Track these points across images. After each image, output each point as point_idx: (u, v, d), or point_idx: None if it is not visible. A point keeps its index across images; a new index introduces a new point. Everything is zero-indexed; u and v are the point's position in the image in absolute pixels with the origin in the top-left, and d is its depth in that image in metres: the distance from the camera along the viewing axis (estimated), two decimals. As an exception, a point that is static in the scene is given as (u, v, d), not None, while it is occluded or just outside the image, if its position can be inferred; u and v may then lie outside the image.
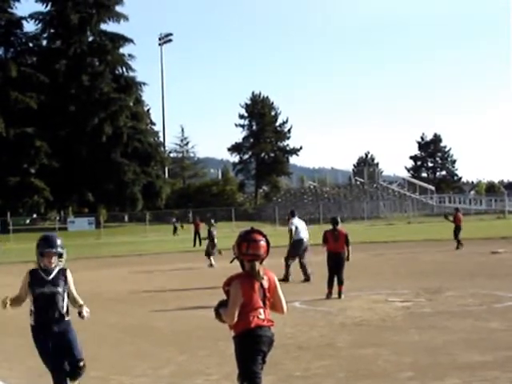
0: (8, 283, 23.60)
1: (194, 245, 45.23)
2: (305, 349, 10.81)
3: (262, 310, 6.31)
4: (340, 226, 17.46)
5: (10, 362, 10.81)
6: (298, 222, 21.77)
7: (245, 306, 6.25)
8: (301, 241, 21.27)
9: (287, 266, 21.06)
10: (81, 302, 7.98)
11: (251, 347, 6.23)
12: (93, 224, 79.87)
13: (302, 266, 20.99)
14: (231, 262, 6.71)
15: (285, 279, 20.09)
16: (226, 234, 51.30)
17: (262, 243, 6.47)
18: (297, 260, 21.13)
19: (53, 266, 8.13)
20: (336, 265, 16.89)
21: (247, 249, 6.42)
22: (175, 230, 61.26)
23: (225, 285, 6.44)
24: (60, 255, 8.20)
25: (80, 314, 7.80)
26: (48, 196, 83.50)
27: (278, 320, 6.79)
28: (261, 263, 6.43)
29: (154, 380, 9.21)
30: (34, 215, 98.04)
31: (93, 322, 14.69)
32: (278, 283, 6.52)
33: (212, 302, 6.55)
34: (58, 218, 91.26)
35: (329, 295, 16.68)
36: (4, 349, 12.06)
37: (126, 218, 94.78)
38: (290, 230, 21.42)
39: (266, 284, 6.37)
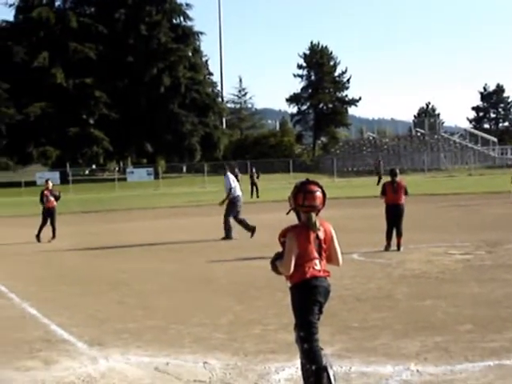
0: (67, 233, 24.03)
1: (251, 196, 45.36)
2: (362, 300, 10.75)
3: (317, 261, 6.25)
4: (399, 178, 17.24)
5: (70, 310, 10.96)
6: (232, 178, 21.50)
7: (300, 257, 6.19)
8: (238, 197, 21.11)
9: (225, 224, 20.82)
10: None
11: (307, 297, 6.19)
12: (151, 175, 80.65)
13: (241, 222, 20.84)
14: (287, 213, 6.64)
15: (227, 237, 20.36)
16: (283, 185, 51.37)
17: (318, 194, 6.38)
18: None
19: None
20: (395, 217, 16.73)
21: (303, 200, 6.34)
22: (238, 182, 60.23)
23: (280, 236, 6.38)
24: None
25: None
26: (107, 146, 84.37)
27: (335, 272, 6.73)
28: (317, 214, 6.35)
29: (211, 329, 9.24)
30: (94, 166, 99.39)
31: (151, 272, 14.89)
32: (334, 234, 6.44)
33: (268, 253, 6.52)
34: (117, 168, 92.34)
35: (387, 247, 16.56)
36: (64, 298, 12.25)
37: (184, 169, 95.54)
38: (230, 189, 21.12)
39: (321, 235, 6.30)
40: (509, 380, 6.71)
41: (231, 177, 21.50)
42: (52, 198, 22.83)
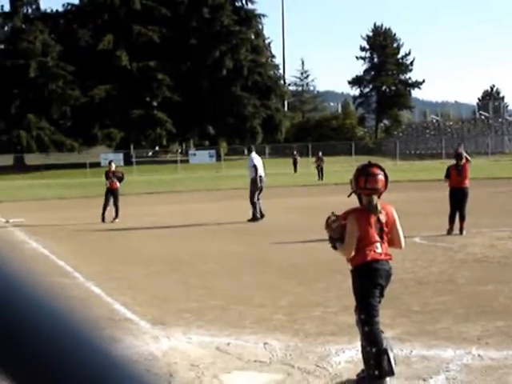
0: (131, 214, 24.35)
1: (319, 178, 45.59)
2: (424, 284, 10.70)
3: (378, 244, 6.25)
4: (463, 161, 17.06)
5: (134, 290, 11.14)
6: (256, 159, 21.77)
7: (361, 241, 6.21)
8: (261, 178, 21.46)
9: (253, 205, 21.19)
10: None
11: (368, 280, 6.20)
12: (213, 157, 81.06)
13: (253, 206, 21.15)
14: (349, 196, 6.64)
15: (254, 218, 20.85)
16: (346, 168, 51.13)
17: (380, 177, 6.37)
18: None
19: None
20: (458, 200, 16.58)
21: (365, 183, 6.34)
22: (295, 164, 59.88)
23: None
24: None
25: None
26: (170, 128, 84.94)
27: (397, 255, 6.73)
28: (378, 197, 6.34)
29: (272, 310, 9.31)
30: (157, 148, 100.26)
31: (214, 253, 15.02)
32: (396, 217, 6.43)
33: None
34: (179, 150, 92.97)
35: (450, 231, 16.42)
36: (127, 278, 12.45)
37: (246, 151, 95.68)
38: (254, 167, 21.52)
39: (383, 218, 6.29)
40: None
41: (255, 157, 21.88)
42: (115, 180, 23.17)
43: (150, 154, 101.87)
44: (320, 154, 48.86)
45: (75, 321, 0.73)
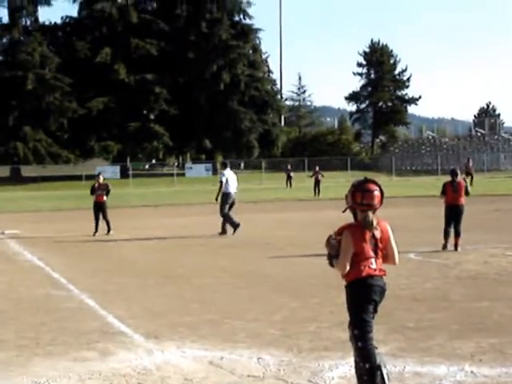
0: (127, 226, 24.31)
1: (315, 194, 45.19)
2: (418, 300, 10.71)
3: (373, 260, 6.25)
4: (459, 178, 17.13)
5: (128, 303, 11.13)
6: (229, 175, 21.93)
7: (356, 256, 6.20)
8: (229, 194, 21.59)
9: (225, 217, 21.55)
10: None
11: (362, 296, 6.20)
12: (210, 170, 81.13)
13: (226, 219, 21.50)
14: (343, 211, 6.64)
15: (224, 232, 21.39)
16: (341, 183, 51.21)
17: (377, 193, 6.37)
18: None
19: None
20: (454, 216, 16.61)
21: (362, 199, 6.33)
22: (289, 179, 59.25)
23: (336, 234, 6.39)
24: None
25: None
26: (167, 141, 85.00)
27: (391, 271, 6.73)
28: (374, 213, 6.35)
29: (266, 325, 9.31)
30: (153, 161, 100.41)
31: (208, 267, 15.01)
32: (391, 233, 6.43)
33: (324, 251, 6.52)
34: (176, 163, 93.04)
35: (445, 245, 16.44)
36: (122, 290, 12.43)
37: (242, 166, 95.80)
38: (221, 182, 21.74)
39: (378, 234, 6.29)
40: None
41: (226, 173, 22.03)
42: (102, 193, 22.86)
43: (147, 166, 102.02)
44: (317, 168, 48.65)
45: None
